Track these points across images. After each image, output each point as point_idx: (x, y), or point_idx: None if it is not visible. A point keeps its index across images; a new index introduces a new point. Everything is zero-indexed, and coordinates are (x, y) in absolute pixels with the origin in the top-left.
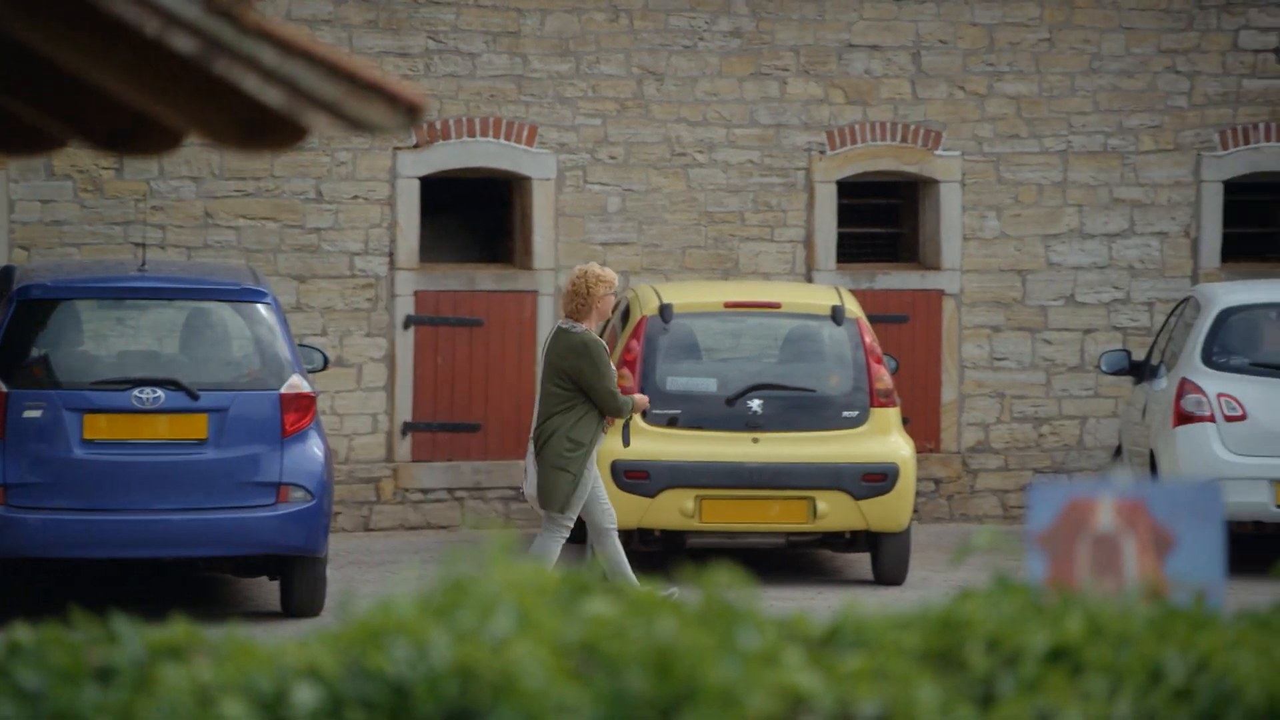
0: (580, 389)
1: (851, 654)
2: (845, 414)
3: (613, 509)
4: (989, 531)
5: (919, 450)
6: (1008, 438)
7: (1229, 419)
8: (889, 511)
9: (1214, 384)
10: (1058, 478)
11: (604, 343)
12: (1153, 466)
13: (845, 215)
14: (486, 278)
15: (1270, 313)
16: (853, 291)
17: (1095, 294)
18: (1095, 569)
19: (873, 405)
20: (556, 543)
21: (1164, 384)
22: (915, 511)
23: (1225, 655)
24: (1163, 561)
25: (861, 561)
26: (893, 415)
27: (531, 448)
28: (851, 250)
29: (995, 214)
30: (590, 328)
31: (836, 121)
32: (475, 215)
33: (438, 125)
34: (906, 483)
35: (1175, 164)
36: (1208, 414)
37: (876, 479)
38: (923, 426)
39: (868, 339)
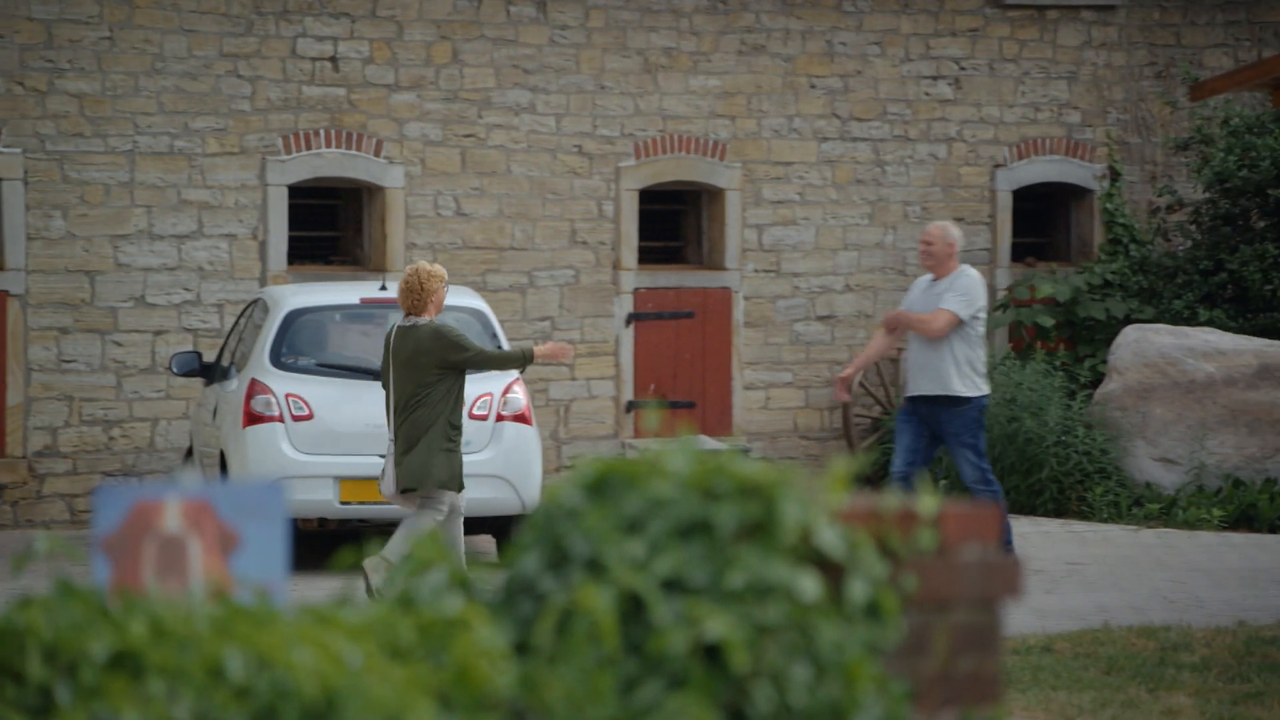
0: (454, 370)
1: None
2: None
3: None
4: (52, 537)
5: None
6: (77, 441)
7: (296, 419)
8: None
9: (282, 384)
10: (128, 481)
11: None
12: (224, 467)
13: None
14: None
15: (334, 314)
16: None
17: (166, 295)
18: (161, 571)
19: None
20: (431, 522)
21: (234, 385)
22: None
23: (285, 651)
24: (228, 561)
25: None
26: None
27: (392, 447)
28: None
29: (61, 214)
30: (431, 320)
31: None
32: None
33: None
34: None
35: (241, 167)
36: (276, 414)
37: None
38: None
39: None
